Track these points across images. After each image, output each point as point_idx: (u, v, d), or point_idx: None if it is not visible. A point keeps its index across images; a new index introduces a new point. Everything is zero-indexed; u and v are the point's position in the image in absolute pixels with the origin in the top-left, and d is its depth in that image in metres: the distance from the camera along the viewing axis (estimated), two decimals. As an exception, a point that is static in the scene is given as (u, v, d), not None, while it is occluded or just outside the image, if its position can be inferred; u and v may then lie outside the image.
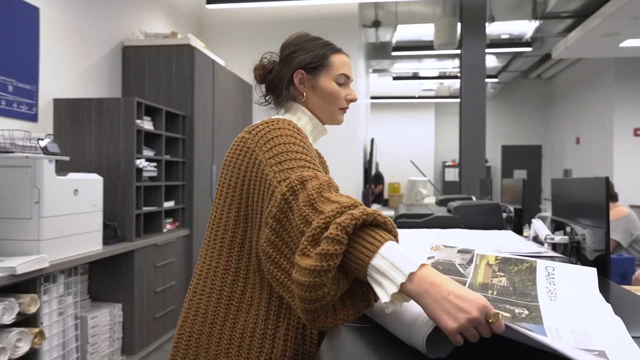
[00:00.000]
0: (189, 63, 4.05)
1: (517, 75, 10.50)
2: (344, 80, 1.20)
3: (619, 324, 0.86)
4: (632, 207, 5.30)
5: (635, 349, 0.73)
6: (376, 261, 0.74)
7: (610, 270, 1.64)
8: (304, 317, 0.79)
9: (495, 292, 1.01)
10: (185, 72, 4.05)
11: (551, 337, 0.79)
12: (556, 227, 2.42)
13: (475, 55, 5.79)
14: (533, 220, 2.35)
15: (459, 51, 6.38)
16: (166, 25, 4.91)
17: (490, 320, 0.67)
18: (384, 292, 0.73)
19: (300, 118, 1.19)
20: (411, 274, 0.72)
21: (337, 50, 1.21)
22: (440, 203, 3.95)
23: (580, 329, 0.83)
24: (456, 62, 8.84)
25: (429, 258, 1.20)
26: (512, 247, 2.02)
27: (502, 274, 1.10)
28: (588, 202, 1.80)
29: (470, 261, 1.14)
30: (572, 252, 1.96)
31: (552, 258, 1.86)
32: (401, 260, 0.73)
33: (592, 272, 1.05)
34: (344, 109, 1.22)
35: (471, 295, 0.69)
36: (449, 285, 0.71)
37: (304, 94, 1.18)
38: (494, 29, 7.12)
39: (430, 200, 4.73)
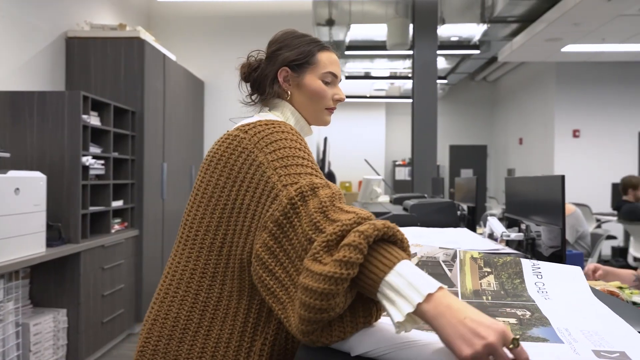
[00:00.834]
0: (138, 57, 3.90)
1: (464, 77, 10.82)
2: (331, 78, 1.16)
3: (623, 323, 0.85)
4: (574, 205, 5.56)
5: None
6: (391, 278, 0.69)
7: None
8: (299, 329, 0.73)
9: (489, 297, 1.00)
10: (135, 66, 3.89)
11: (564, 339, 0.77)
12: (509, 224, 2.48)
13: (427, 56, 5.89)
14: (488, 217, 2.40)
15: (411, 52, 6.48)
16: (113, 16, 4.71)
17: (510, 347, 0.63)
18: (398, 311, 0.68)
19: (289, 118, 1.15)
20: (428, 295, 0.67)
21: (324, 48, 1.17)
22: (395, 201, 3.99)
23: (590, 329, 0.82)
24: (407, 62, 9.00)
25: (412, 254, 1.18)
26: (470, 244, 2.05)
27: (488, 269, 1.09)
28: (544, 200, 1.85)
29: (454, 257, 1.13)
30: (527, 249, 2.01)
31: (509, 255, 1.90)
32: (419, 279, 0.69)
33: (578, 270, 1.06)
34: (330, 109, 1.18)
35: (488, 321, 0.64)
36: (466, 309, 0.66)
37: (289, 92, 1.14)
38: (444, 31, 7.28)
39: (385, 198, 4.77)
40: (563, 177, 1.68)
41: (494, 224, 2.28)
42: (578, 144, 8.35)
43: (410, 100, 10.92)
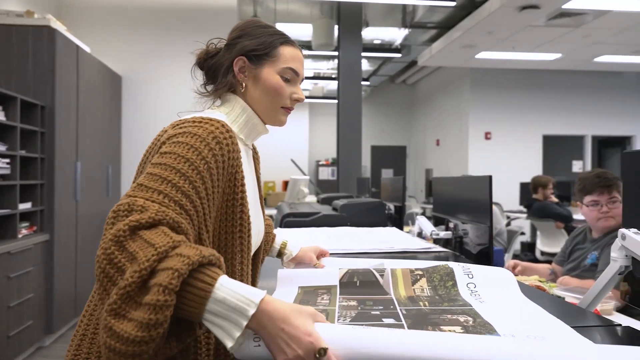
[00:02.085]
0: (49, 47, 3.60)
1: (385, 79, 11.12)
2: (291, 75, 1.07)
3: (562, 325, 0.87)
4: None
5: (601, 349, 0.69)
6: (212, 306, 0.67)
7: (493, 262, 1.76)
8: None
9: (426, 303, 0.99)
10: (45, 57, 3.59)
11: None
12: (436, 222, 2.56)
13: (352, 57, 5.98)
14: (417, 217, 2.45)
15: (336, 53, 6.54)
16: (19, 2, 4.33)
17: (317, 356, 0.67)
18: (228, 338, 0.67)
19: (238, 115, 1.05)
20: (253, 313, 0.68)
21: (288, 42, 1.08)
22: (323, 201, 4.00)
23: (535, 334, 0.82)
24: (331, 63, 9.09)
25: (340, 269, 1.16)
26: (401, 243, 2.09)
27: (420, 272, 1.09)
28: (471, 199, 1.92)
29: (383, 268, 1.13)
30: (456, 247, 2.08)
31: (439, 253, 1.96)
32: (239, 300, 0.68)
33: (507, 273, 1.08)
34: (287, 109, 1.09)
35: (301, 330, 0.68)
36: (285, 318, 0.69)
37: (244, 85, 1.05)
38: (367, 34, 7.43)
39: (311, 198, 4.77)
40: (490, 177, 1.75)
41: (423, 223, 2.34)
42: (490, 145, 8.86)
43: (334, 101, 11.11)
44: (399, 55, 8.17)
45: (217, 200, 0.89)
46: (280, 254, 1.37)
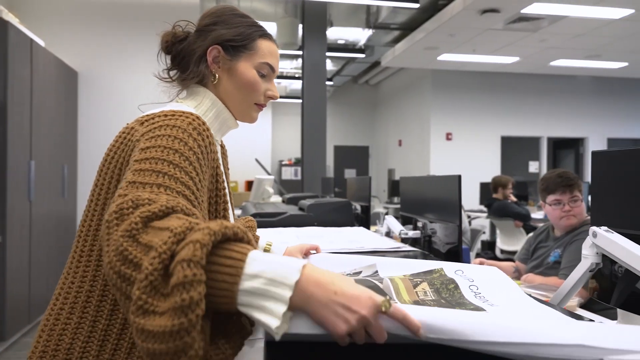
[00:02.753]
0: (0, 40, 3.42)
1: (348, 79, 11.18)
2: (268, 71, 1.02)
3: (574, 321, 0.86)
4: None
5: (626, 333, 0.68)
6: (247, 284, 0.57)
7: (462, 261, 1.77)
8: None
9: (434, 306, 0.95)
10: (-5, 50, 3.42)
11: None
12: (404, 222, 2.57)
13: (316, 57, 5.97)
14: (386, 216, 2.46)
15: (299, 52, 6.52)
16: (-33, -8, 4.11)
17: (383, 310, 0.60)
18: (271, 316, 0.57)
19: (208, 110, 0.99)
20: (296, 283, 0.59)
21: (266, 35, 1.03)
22: (289, 201, 3.97)
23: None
24: (295, 62, 9.06)
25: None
26: (371, 242, 2.08)
27: (419, 279, 1.06)
28: (441, 198, 1.93)
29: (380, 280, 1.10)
30: (424, 246, 2.09)
31: (408, 252, 1.96)
32: (278, 269, 0.59)
33: (498, 271, 1.06)
34: (260, 106, 1.04)
35: (357, 290, 0.60)
36: (334, 281, 0.61)
37: (217, 76, 0.99)
38: (331, 33, 7.44)
39: (276, 198, 4.74)
40: (459, 177, 1.76)
41: (392, 223, 2.35)
42: (451, 146, 9.04)
43: (297, 101, 11.09)
44: (362, 55, 8.22)
45: (205, 194, 0.84)
46: None
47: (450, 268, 1.08)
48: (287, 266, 0.59)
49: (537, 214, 5.69)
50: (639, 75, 8.96)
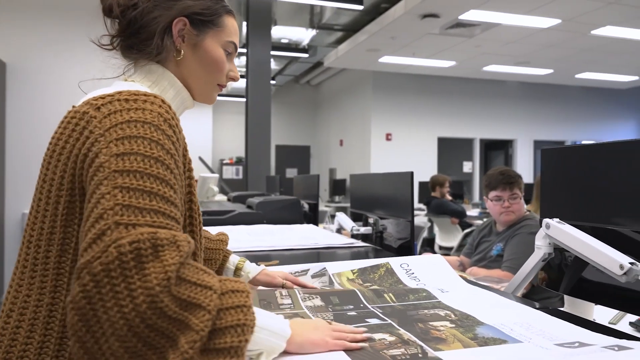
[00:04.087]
0: None
1: (290, 79, 11.19)
2: (232, 50, 0.95)
3: (525, 307, 0.92)
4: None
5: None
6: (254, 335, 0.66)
7: (415, 254, 1.84)
8: None
9: (392, 297, 0.98)
10: None
11: (517, 337, 0.78)
12: (354, 218, 2.62)
13: (261, 55, 5.93)
14: (337, 213, 2.50)
15: (244, 50, 6.46)
16: None
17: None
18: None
19: (166, 88, 0.90)
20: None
21: (231, 13, 0.95)
22: (235, 200, 3.93)
23: (522, 321, 0.85)
24: (236, 61, 8.95)
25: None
26: (324, 239, 2.11)
27: (369, 285, 1.10)
28: (393, 195, 1.99)
29: (330, 282, 1.12)
30: (376, 242, 2.15)
31: (360, 248, 2.01)
32: (274, 325, 0.71)
33: (440, 258, 1.12)
34: (222, 86, 0.97)
35: (314, 322, 0.78)
36: (303, 327, 0.75)
37: (182, 52, 0.89)
38: (275, 32, 7.42)
39: (221, 197, 4.67)
40: (412, 174, 1.82)
41: (343, 219, 2.38)
42: (390, 146, 9.27)
43: (239, 99, 10.96)
44: (306, 55, 8.26)
45: (183, 195, 0.79)
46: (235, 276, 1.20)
47: (395, 262, 1.13)
48: (278, 323, 0.71)
49: (472, 212, 5.96)
50: (563, 82, 9.60)
